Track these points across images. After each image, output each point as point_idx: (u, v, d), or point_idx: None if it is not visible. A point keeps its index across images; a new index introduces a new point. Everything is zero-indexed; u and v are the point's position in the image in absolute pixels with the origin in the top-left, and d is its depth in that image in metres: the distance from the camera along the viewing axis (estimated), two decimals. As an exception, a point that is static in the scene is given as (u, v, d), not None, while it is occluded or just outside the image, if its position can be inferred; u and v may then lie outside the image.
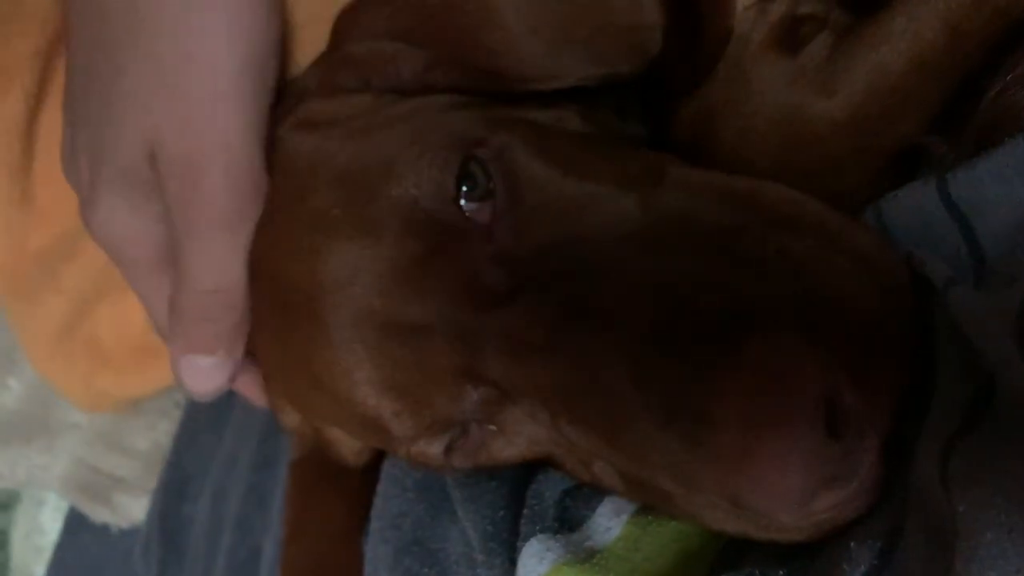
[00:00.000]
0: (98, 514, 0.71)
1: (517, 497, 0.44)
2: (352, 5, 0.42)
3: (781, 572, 0.36)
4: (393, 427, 0.40)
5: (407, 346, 0.38)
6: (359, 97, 0.41)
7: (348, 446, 0.49)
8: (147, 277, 0.45)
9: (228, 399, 0.57)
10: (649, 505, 0.40)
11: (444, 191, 0.38)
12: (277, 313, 0.41)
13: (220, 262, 0.42)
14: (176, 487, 0.65)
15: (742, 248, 0.36)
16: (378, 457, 0.50)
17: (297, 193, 0.40)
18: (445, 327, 0.37)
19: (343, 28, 0.42)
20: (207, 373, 0.45)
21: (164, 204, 0.42)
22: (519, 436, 0.40)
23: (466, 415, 0.39)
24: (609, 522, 0.41)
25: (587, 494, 0.42)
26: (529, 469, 0.44)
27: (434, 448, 0.40)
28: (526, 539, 0.41)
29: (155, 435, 0.70)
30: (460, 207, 0.38)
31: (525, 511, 0.43)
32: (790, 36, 0.42)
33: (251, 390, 0.50)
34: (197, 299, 0.43)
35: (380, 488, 0.50)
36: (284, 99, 0.43)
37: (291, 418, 0.50)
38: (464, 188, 0.38)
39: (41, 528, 0.78)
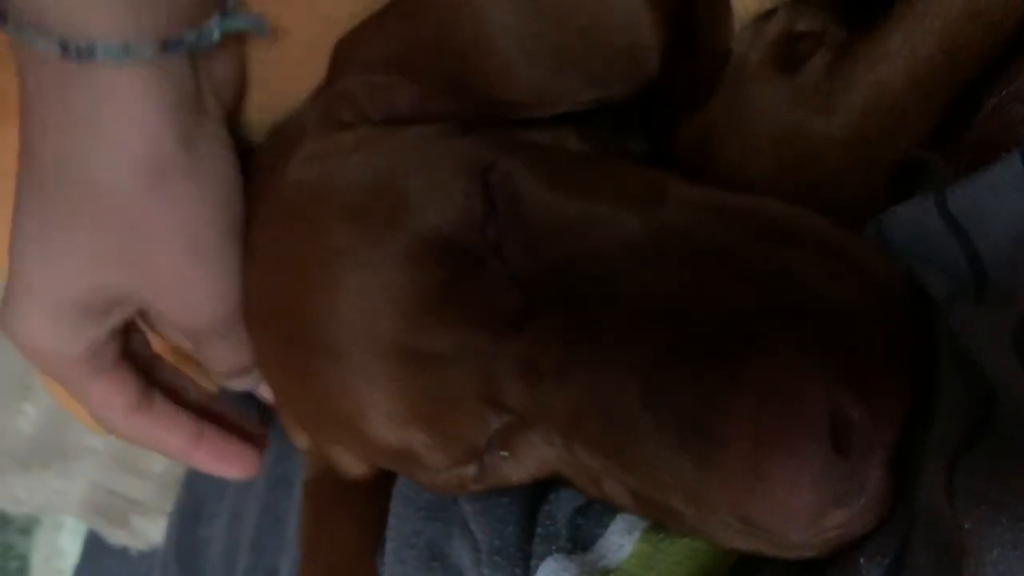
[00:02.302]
0: (116, 537, 0.71)
1: (527, 514, 0.45)
2: (347, 38, 0.42)
3: (793, 588, 0.36)
4: (425, 458, 0.40)
5: (432, 377, 0.38)
6: (358, 130, 0.41)
7: (352, 462, 0.49)
8: (76, 383, 0.46)
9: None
10: (660, 522, 0.40)
11: (470, 217, 0.38)
12: (291, 349, 0.41)
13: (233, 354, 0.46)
14: (192, 509, 0.66)
15: (745, 265, 0.36)
16: (388, 474, 0.50)
17: (308, 228, 0.41)
18: (467, 356, 0.38)
19: (340, 61, 0.42)
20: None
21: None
22: (530, 459, 0.40)
23: (487, 442, 0.40)
24: (621, 540, 0.41)
25: (598, 512, 0.43)
26: (540, 486, 0.44)
27: (469, 471, 0.41)
28: (542, 558, 0.42)
29: (170, 457, 0.70)
30: (484, 232, 0.38)
31: (539, 530, 0.43)
32: (788, 54, 0.42)
33: None
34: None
35: (392, 508, 0.50)
36: (283, 135, 0.44)
37: (303, 439, 0.51)
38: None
39: (61, 551, 0.79)
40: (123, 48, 0.38)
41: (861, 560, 0.34)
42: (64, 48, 0.38)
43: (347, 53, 0.42)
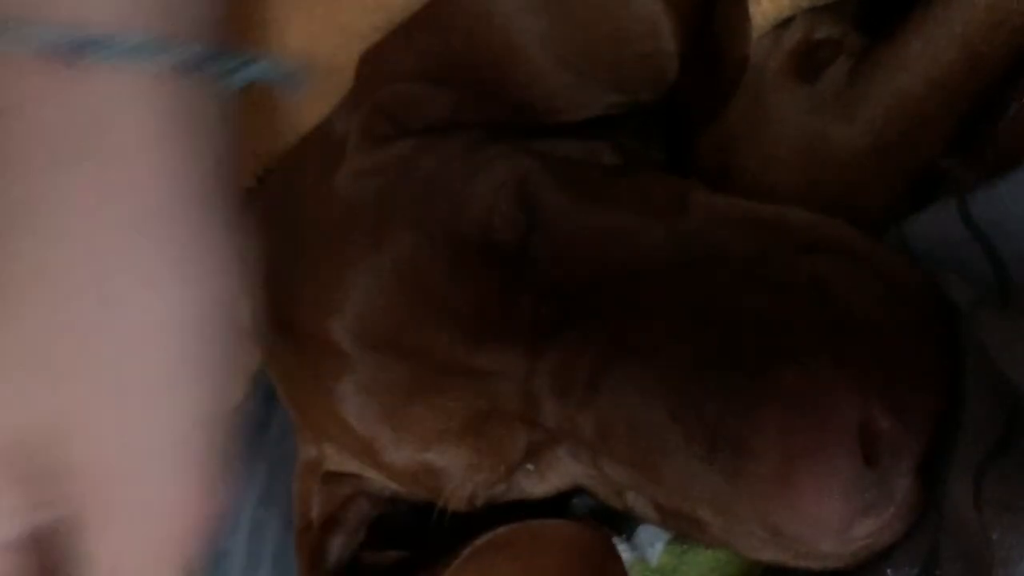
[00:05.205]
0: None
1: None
2: (373, 51, 0.42)
3: (818, 600, 0.36)
4: (467, 475, 0.40)
5: (480, 395, 0.38)
6: (400, 143, 0.41)
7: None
8: None
9: (262, 434, 0.58)
10: (683, 534, 0.40)
11: (518, 225, 0.39)
12: (337, 364, 0.40)
13: None
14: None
15: (772, 275, 0.36)
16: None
17: (373, 240, 0.40)
18: (508, 374, 0.38)
19: (368, 71, 0.42)
20: None
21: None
22: (554, 473, 0.40)
23: (521, 458, 0.40)
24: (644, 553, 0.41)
25: (619, 523, 0.43)
26: (562, 497, 0.44)
27: (500, 488, 0.41)
28: (564, 571, 0.42)
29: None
30: (528, 240, 0.39)
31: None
32: (807, 62, 0.42)
33: None
34: None
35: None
36: (315, 149, 0.43)
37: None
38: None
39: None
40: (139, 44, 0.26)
41: (888, 571, 0.34)
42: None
43: (375, 66, 0.42)
